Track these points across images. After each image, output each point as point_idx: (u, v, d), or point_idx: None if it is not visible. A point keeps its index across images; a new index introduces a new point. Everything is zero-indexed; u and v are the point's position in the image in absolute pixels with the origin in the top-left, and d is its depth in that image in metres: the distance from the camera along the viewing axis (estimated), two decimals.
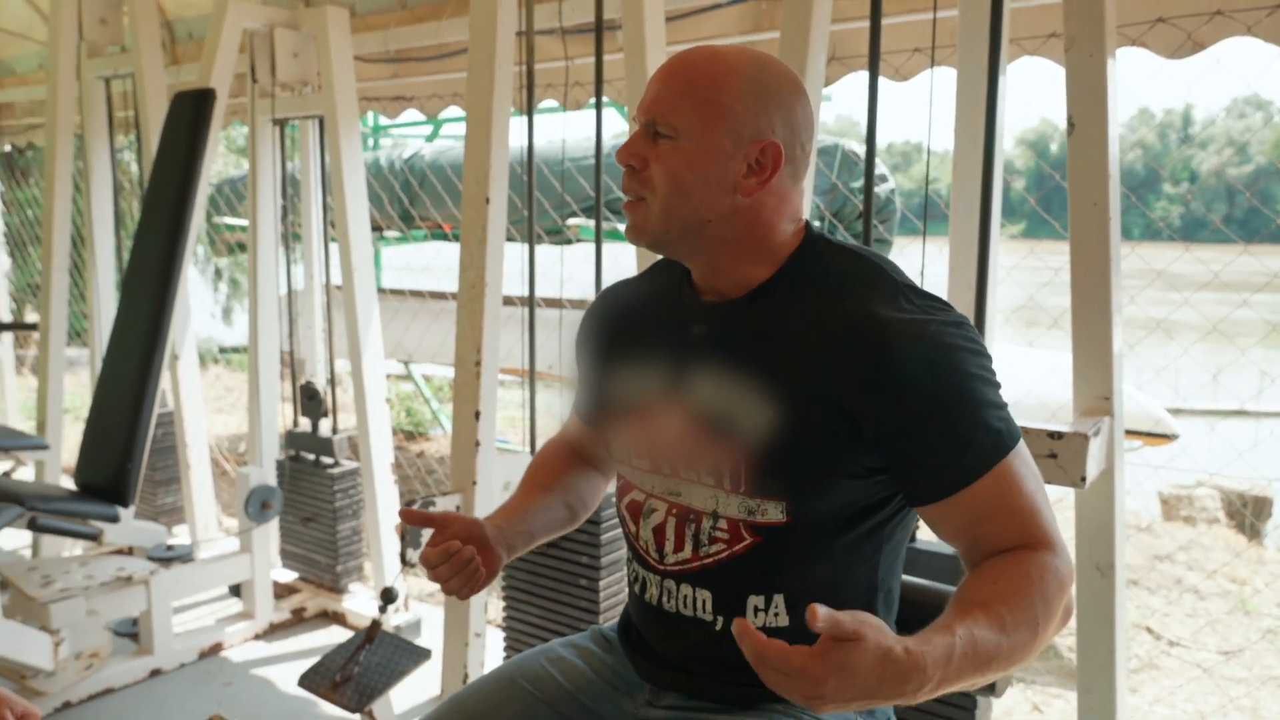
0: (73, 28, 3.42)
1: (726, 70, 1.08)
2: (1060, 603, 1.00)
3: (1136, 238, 3.40)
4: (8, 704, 1.41)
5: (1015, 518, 1.05)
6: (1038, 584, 0.99)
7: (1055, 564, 1.01)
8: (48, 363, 3.53)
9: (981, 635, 0.92)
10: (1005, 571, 1.01)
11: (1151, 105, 14.37)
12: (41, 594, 2.46)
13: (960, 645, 0.89)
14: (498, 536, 1.23)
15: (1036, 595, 0.98)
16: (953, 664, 0.88)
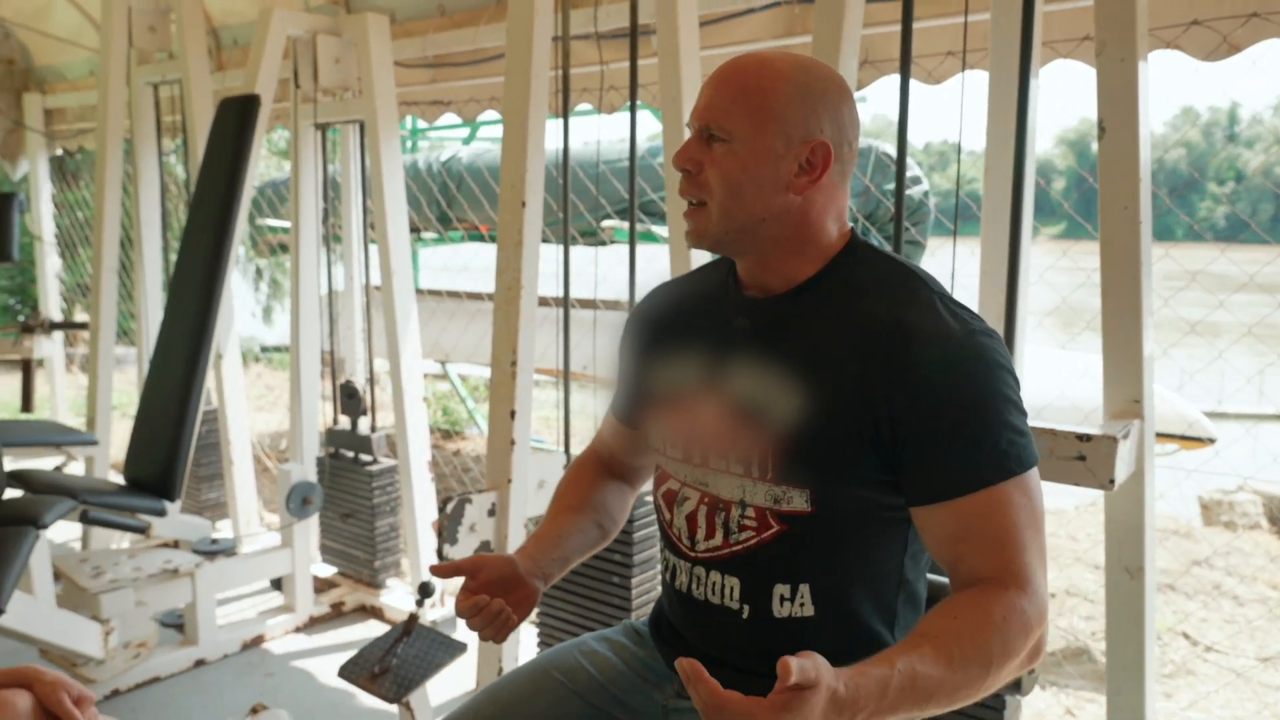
0: (123, 35, 3.52)
1: (776, 75, 1.12)
2: (1023, 643, 1.03)
3: (1179, 238, 3.37)
4: (65, 687, 1.47)
5: (997, 545, 1.07)
6: (998, 624, 1.01)
7: (1022, 605, 1.03)
8: (97, 361, 3.63)
9: (923, 670, 0.96)
10: (967, 608, 1.04)
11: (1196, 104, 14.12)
12: (93, 585, 2.54)
13: (897, 679, 0.94)
14: (532, 569, 1.27)
15: (994, 635, 1.01)
16: (887, 698, 0.94)
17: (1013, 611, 1.02)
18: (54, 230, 5.15)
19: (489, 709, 1.33)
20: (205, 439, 3.77)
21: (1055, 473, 1.49)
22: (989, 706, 1.68)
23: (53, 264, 5.13)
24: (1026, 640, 1.03)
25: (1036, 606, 1.04)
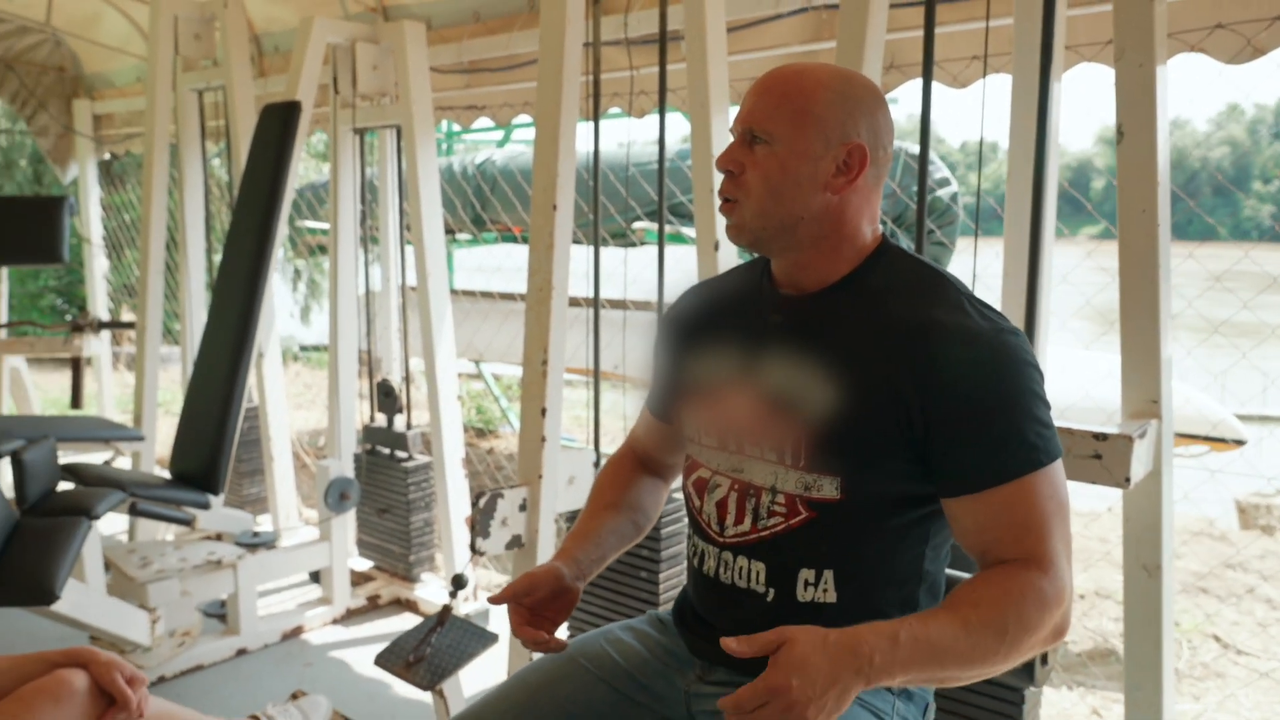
0: (169, 44, 3.63)
1: (815, 82, 1.18)
2: (1040, 618, 1.07)
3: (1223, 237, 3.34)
4: (118, 667, 1.56)
5: (1023, 532, 1.11)
6: (1015, 596, 1.06)
7: (1041, 584, 1.08)
8: (144, 360, 3.74)
9: (936, 628, 1.02)
10: (987, 582, 1.09)
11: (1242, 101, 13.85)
12: (140, 574, 2.64)
13: (906, 632, 1.01)
14: (575, 571, 1.33)
15: (1010, 606, 1.06)
16: (900, 646, 1.00)
17: (1031, 588, 1.07)
18: (101, 232, 5.29)
19: (518, 693, 1.39)
20: (246, 436, 3.87)
21: (1072, 471, 1.51)
22: (1007, 701, 1.72)
23: (100, 265, 5.28)
24: (1044, 616, 1.07)
25: (1056, 587, 1.09)
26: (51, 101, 5.03)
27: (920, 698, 1.29)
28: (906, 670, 1.01)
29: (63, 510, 2.28)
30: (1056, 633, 1.11)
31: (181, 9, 3.61)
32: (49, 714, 1.46)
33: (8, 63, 4.86)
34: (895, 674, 1.01)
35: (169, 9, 3.60)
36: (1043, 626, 1.08)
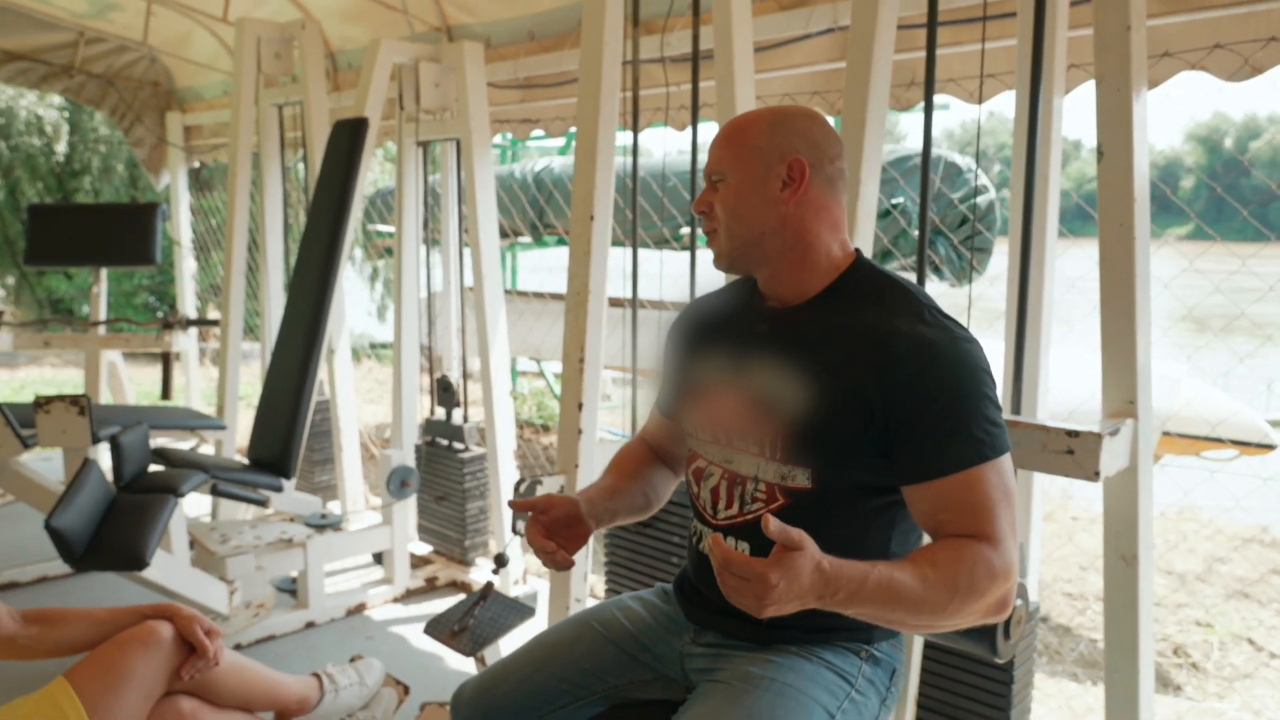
0: (253, 62, 3.92)
1: (750, 121, 1.39)
2: (987, 585, 1.20)
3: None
4: (198, 621, 1.79)
5: (973, 513, 1.25)
6: (967, 562, 1.20)
7: (990, 555, 1.21)
8: (226, 355, 4.04)
9: (899, 577, 1.16)
10: (944, 546, 1.24)
11: None
12: (220, 549, 2.90)
13: (875, 576, 1.15)
14: (590, 510, 1.50)
15: (962, 569, 1.20)
16: (865, 588, 1.14)
17: (980, 558, 1.21)
18: (190, 235, 5.66)
19: (539, 650, 1.58)
20: (318, 427, 4.15)
21: (1047, 464, 1.64)
22: (995, 680, 1.85)
23: (189, 266, 5.65)
24: (991, 584, 1.21)
25: (1003, 560, 1.22)
26: (147, 114, 5.41)
27: (887, 663, 1.43)
28: (863, 607, 1.16)
29: (152, 489, 2.54)
30: (1000, 605, 1.24)
31: (264, 31, 3.90)
32: (140, 658, 1.70)
33: (109, 79, 5.24)
34: (852, 608, 1.16)
35: (253, 31, 3.89)
36: (988, 593, 1.21)
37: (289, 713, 2.07)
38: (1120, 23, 1.63)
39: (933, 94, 1.93)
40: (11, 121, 12.02)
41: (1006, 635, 1.48)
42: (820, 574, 1.12)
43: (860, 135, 1.96)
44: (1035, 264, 1.88)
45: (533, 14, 3.33)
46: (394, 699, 2.27)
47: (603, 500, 1.54)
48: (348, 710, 2.17)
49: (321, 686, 2.12)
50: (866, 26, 1.95)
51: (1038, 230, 1.87)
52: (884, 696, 1.41)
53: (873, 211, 2.04)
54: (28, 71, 4.98)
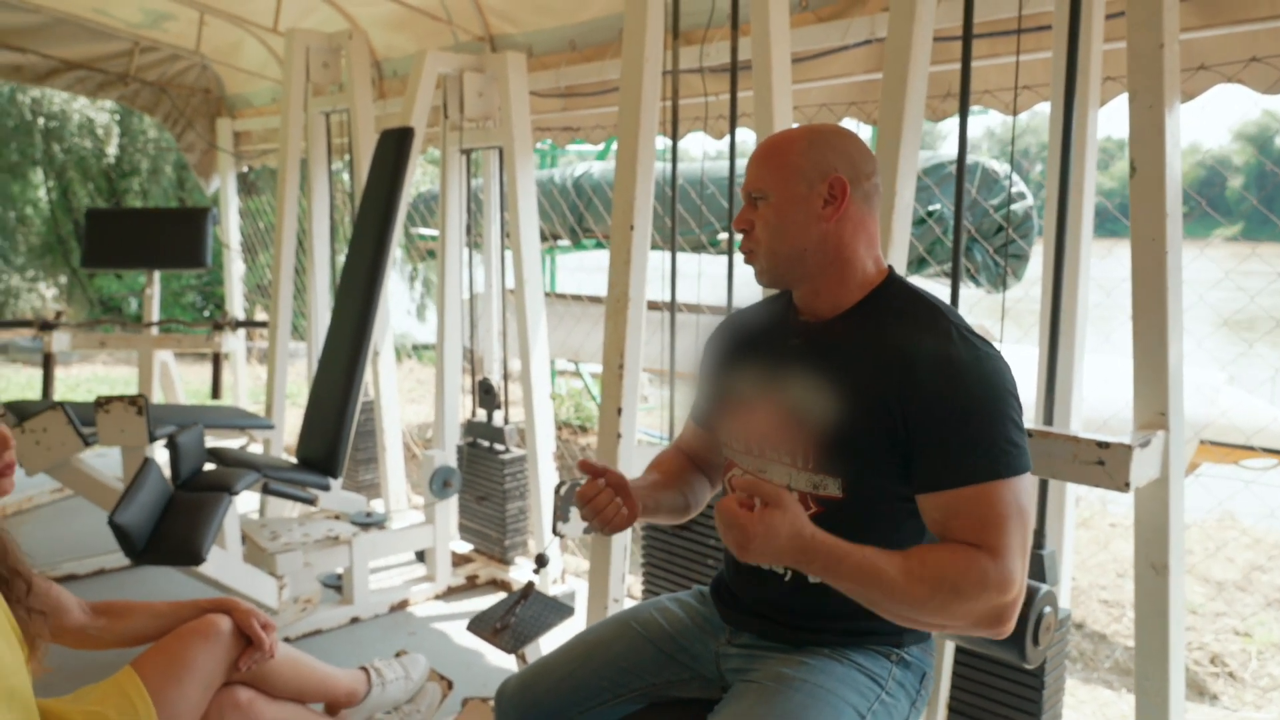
0: (301, 71, 4.02)
1: (789, 140, 1.43)
2: (978, 594, 1.23)
3: None
4: (255, 615, 1.87)
5: (980, 524, 1.28)
6: (959, 566, 1.25)
7: (986, 565, 1.25)
8: (274, 355, 4.16)
9: (881, 563, 1.24)
10: (942, 548, 1.29)
11: None
12: (270, 546, 3.00)
13: (858, 555, 1.24)
14: (636, 493, 1.53)
15: (949, 570, 1.24)
16: (843, 564, 1.25)
17: (974, 565, 1.25)
18: (239, 238, 5.80)
19: (579, 648, 1.65)
20: (363, 426, 4.25)
21: (1078, 475, 1.67)
22: (1026, 685, 1.87)
23: (237, 269, 5.79)
24: (981, 592, 1.24)
25: (1000, 573, 1.25)
26: (198, 120, 5.56)
27: (917, 666, 1.47)
28: (840, 581, 1.26)
29: (208, 487, 2.64)
30: (995, 617, 1.26)
31: (313, 41, 4.00)
32: (200, 649, 1.79)
33: (162, 86, 5.39)
34: (830, 578, 1.27)
35: (302, 40, 4.00)
36: (976, 599, 1.24)
37: (338, 704, 2.15)
38: (1153, 40, 1.66)
39: (968, 106, 1.96)
40: (65, 124, 12.35)
41: (1036, 641, 1.51)
42: (799, 539, 1.23)
43: (896, 146, 2.00)
44: (1069, 273, 1.91)
45: (574, 24, 3.40)
46: (438, 693, 2.34)
47: (648, 493, 1.57)
48: (394, 703, 2.25)
49: (369, 680, 2.20)
50: (903, 39, 1.98)
51: (1071, 240, 1.90)
52: (914, 699, 1.45)
53: (908, 221, 2.08)
54: (85, 80, 5.14)
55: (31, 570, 1.66)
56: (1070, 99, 1.82)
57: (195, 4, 4.50)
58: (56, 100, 11.97)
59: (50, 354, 4.54)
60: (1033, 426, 1.72)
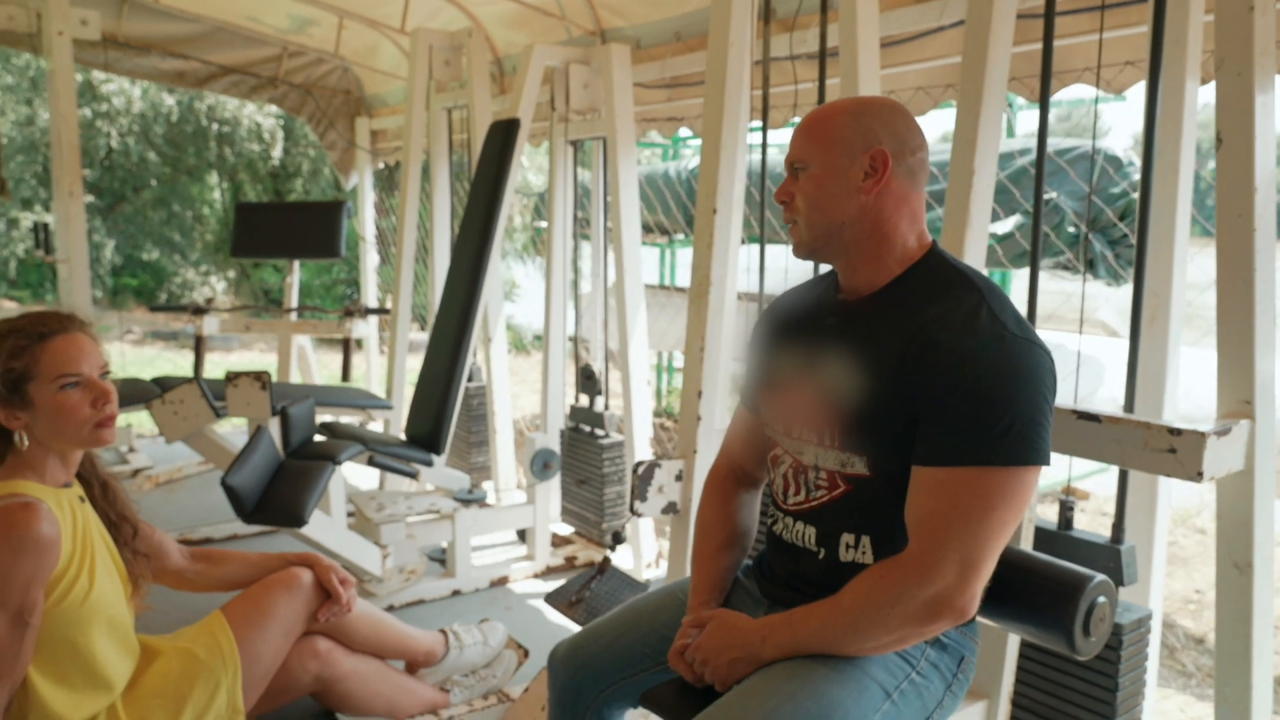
0: (425, 68, 4.22)
1: (833, 110, 1.41)
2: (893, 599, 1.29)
3: None
4: (335, 570, 2.00)
5: (932, 521, 1.28)
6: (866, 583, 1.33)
7: (891, 570, 1.31)
8: (395, 341, 4.37)
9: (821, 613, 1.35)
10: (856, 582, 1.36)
11: None
12: (375, 516, 3.17)
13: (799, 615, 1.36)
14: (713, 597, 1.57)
15: (861, 591, 1.33)
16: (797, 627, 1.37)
17: (881, 576, 1.32)
18: (374, 231, 6.11)
19: (627, 616, 1.69)
20: (476, 410, 4.41)
21: (1148, 463, 1.59)
22: (1100, 686, 1.79)
23: (372, 260, 6.11)
24: (898, 594, 1.29)
25: (920, 566, 1.28)
26: (339, 120, 5.89)
27: (955, 649, 1.44)
28: (790, 646, 1.36)
29: (315, 456, 2.82)
30: (929, 611, 1.27)
31: (435, 39, 4.19)
32: (283, 599, 1.92)
33: (307, 88, 5.75)
34: (794, 649, 1.37)
35: (426, 39, 4.19)
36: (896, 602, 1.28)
37: (417, 663, 2.26)
38: (1243, 3, 1.56)
39: (1049, 85, 1.89)
40: (235, 129, 13.30)
41: (1087, 632, 1.45)
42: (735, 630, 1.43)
43: (974, 127, 1.94)
44: (1158, 260, 1.81)
45: (679, 15, 3.43)
46: (514, 660, 2.43)
47: (716, 599, 1.58)
48: (471, 667, 2.34)
49: (447, 642, 2.31)
50: (982, 14, 1.92)
51: (1159, 224, 1.80)
52: (949, 682, 1.42)
53: (987, 205, 2.01)
54: (239, 83, 5.53)
55: (138, 517, 1.83)
56: (1156, 71, 1.72)
57: (334, 8, 4.78)
58: (228, 107, 12.90)
59: (201, 336, 4.91)
60: (1102, 412, 1.65)
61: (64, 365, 1.61)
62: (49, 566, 1.55)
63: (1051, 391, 1.29)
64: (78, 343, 1.64)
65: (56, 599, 1.58)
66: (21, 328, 1.61)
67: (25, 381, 1.59)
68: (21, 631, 1.53)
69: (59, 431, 1.61)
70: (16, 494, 1.57)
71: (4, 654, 1.51)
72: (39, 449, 1.63)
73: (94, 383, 1.63)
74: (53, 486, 1.64)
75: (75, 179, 4.49)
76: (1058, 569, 1.48)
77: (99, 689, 1.66)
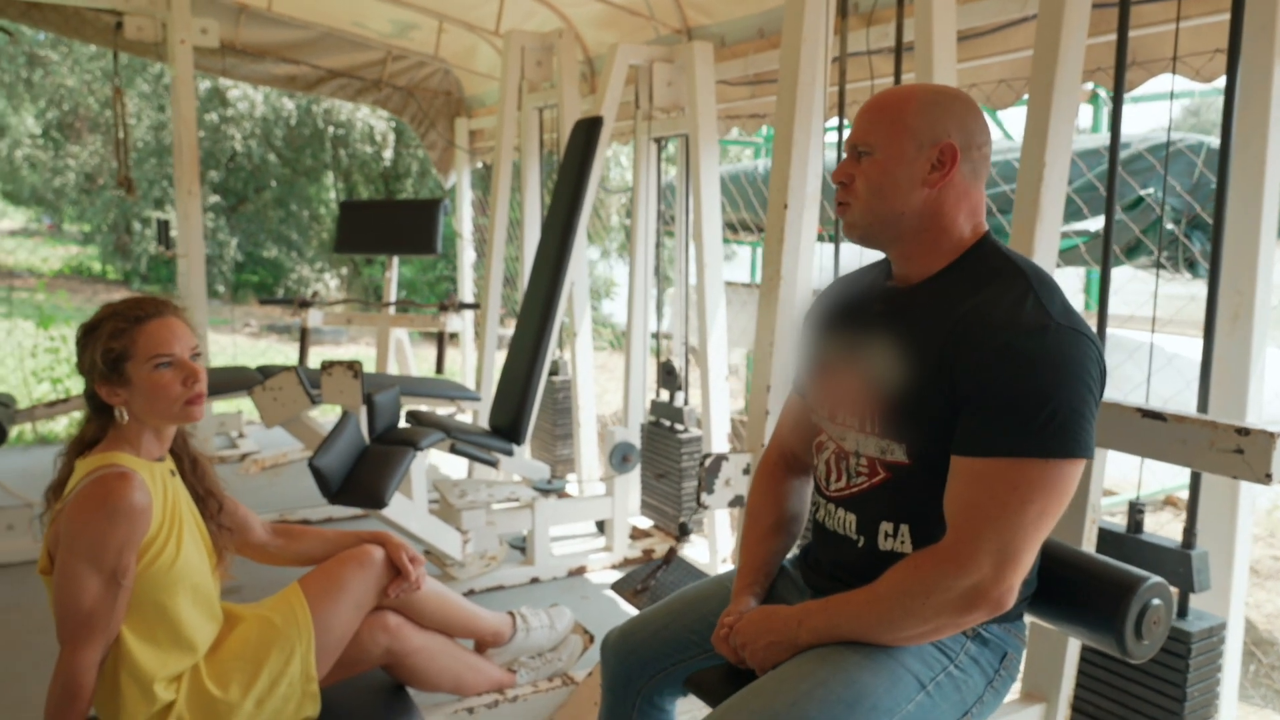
0: (517, 69, 4.32)
1: (906, 97, 1.39)
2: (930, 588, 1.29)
3: None
4: (405, 548, 2.08)
5: (969, 512, 1.27)
6: (904, 571, 1.33)
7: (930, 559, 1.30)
8: (484, 334, 4.50)
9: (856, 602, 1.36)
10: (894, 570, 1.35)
11: None
12: (457, 502, 3.28)
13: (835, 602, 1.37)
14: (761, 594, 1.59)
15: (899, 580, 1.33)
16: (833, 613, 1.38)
17: (920, 565, 1.31)
18: (471, 229, 6.28)
19: (676, 604, 1.72)
20: (561, 404, 4.50)
21: (1215, 464, 1.53)
22: (1168, 696, 1.73)
23: (468, 256, 6.28)
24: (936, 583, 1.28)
25: (958, 557, 1.27)
26: (440, 121, 6.08)
27: (997, 645, 1.42)
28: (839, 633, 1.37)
29: (398, 441, 2.94)
30: (966, 602, 1.27)
31: (527, 40, 4.29)
32: (355, 574, 2.01)
33: (410, 90, 5.95)
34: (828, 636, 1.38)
35: (518, 41, 4.29)
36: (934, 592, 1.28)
37: (484, 643, 2.34)
38: None
39: (1124, 76, 1.83)
40: (350, 132, 13.85)
41: (1139, 635, 1.41)
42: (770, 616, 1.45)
43: (1045, 119, 1.90)
44: (1241, 254, 1.74)
45: (762, 11, 3.44)
46: (579, 645, 2.48)
47: (761, 583, 1.60)
48: (537, 649, 2.41)
49: (515, 624, 2.37)
50: (1055, 5, 1.88)
51: (1245, 218, 1.73)
52: (990, 678, 1.41)
53: (1060, 200, 1.97)
54: (346, 86, 5.77)
55: (224, 492, 1.96)
56: (1235, 55, 1.66)
57: (432, 12, 4.94)
58: (343, 110, 13.44)
59: (305, 329, 5.15)
60: (1169, 410, 1.60)
61: (158, 346, 1.73)
62: (140, 532, 1.67)
63: (1097, 383, 1.26)
64: (170, 326, 1.76)
65: (146, 563, 1.70)
66: (121, 311, 1.74)
67: (124, 361, 1.72)
68: (115, 591, 1.65)
69: (152, 407, 1.74)
70: (114, 464, 1.70)
71: (99, 611, 1.64)
72: (135, 424, 1.76)
73: (185, 363, 1.75)
74: (147, 460, 1.77)
75: (194, 179, 4.77)
76: (1111, 569, 1.44)
77: (183, 649, 1.78)
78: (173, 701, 1.75)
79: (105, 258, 15.58)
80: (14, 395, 4.52)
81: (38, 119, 15.44)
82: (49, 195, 15.92)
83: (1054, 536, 1.45)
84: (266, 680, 1.85)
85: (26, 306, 11.91)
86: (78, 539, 1.63)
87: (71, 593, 1.63)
